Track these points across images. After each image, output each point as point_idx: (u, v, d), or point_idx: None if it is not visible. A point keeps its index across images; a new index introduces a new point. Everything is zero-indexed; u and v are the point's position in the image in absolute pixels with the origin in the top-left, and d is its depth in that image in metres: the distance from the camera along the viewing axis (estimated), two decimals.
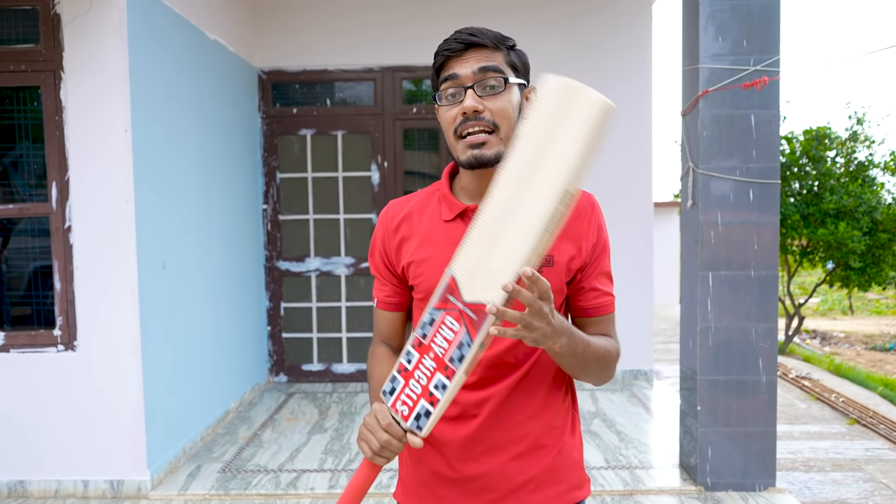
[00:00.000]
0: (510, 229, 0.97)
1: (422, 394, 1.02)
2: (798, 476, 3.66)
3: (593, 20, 5.11)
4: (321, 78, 5.19)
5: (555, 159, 0.97)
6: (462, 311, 0.99)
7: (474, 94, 1.14)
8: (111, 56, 3.11)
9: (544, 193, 0.96)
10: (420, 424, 1.03)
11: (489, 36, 1.16)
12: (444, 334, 1.01)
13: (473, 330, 0.97)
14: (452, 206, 1.22)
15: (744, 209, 3.07)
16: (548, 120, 0.98)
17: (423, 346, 1.03)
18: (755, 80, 2.81)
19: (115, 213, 3.16)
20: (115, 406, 3.21)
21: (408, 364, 1.04)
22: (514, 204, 0.98)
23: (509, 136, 1.14)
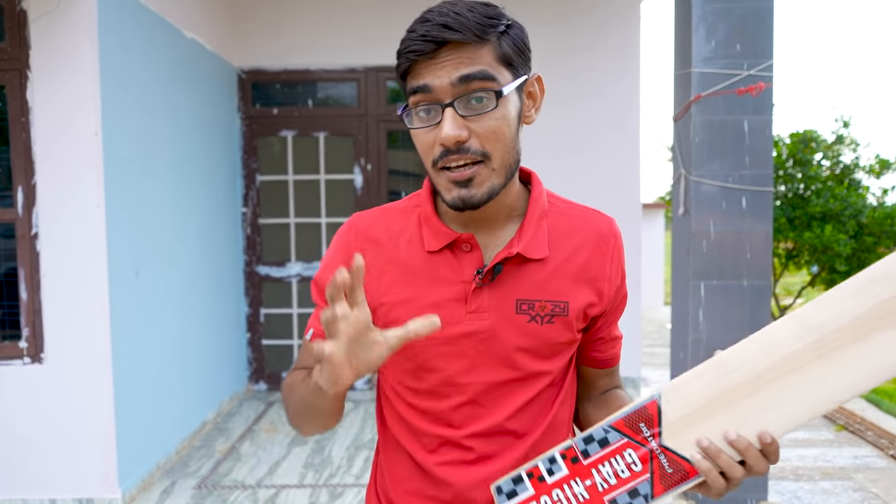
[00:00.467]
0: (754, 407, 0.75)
1: None
2: (787, 485, 3.61)
3: (581, 21, 5.03)
4: (303, 78, 5.06)
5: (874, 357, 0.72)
6: (654, 454, 0.77)
7: (455, 116, 0.84)
8: (81, 55, 2.97)
9: (832, 389, 0.73)
10: None
11: (469, 25, 0.83)
12: (615, 467, 0.79)
13: (661, 485, 0.76)
14: (439, 234, 0.94)
15: (736, 217, 2.99)
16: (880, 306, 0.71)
17: (578, 464, 0.80)
18: (750, 86, 2.73)
19: (84, 219, 3.02)
20: (85, 420, 3.07)
21: (547, 475, 0.81)
22: (788, 369, 0.74)
23: (504, 163, 0.88)
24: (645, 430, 0.78)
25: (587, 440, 0.81)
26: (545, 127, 5.02)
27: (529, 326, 0.93)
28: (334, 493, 3.29)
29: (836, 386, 0.72)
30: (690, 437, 0.76)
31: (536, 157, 5.01)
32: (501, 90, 0.84)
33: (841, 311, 0.72)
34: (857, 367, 0.71)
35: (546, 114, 5.03)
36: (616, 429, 0.79)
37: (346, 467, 3.62)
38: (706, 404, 0.76)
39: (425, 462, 0.96)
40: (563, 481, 0.80)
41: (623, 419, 0.79)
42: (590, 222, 0.99)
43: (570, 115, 5.05)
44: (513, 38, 0.88)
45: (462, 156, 0.85)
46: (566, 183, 5.04)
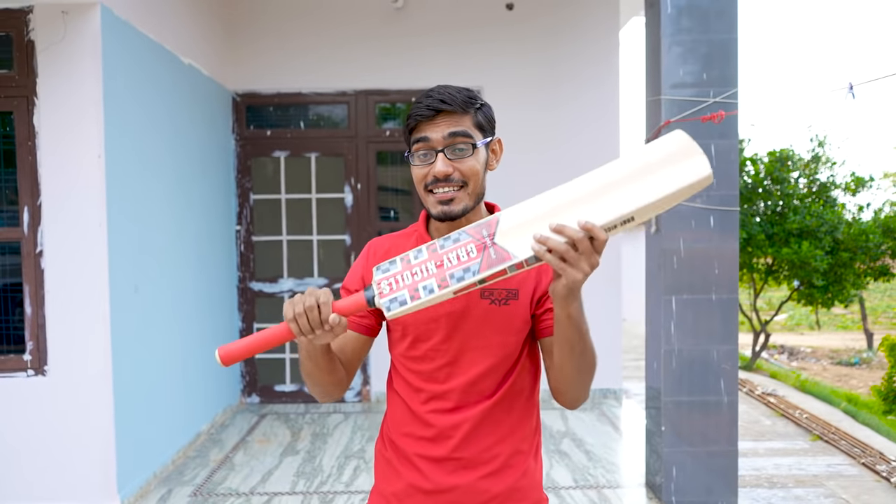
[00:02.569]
0: (568, 216, 1.07)
1: (409, 285, 1.13)
2: (762, 493, 3.74)
3: (562, 46, 5.24)
4: (295, 101, 5.24)
5: (643, 188, 1.07)
6: (486, 246, 1.11)
7: (444, 159, 1.26)
8: (85, 82, 3.14)
9: (616, 206, 1.06)
10: (391, 307, 1.13)
11: (458, 101, 1.26)
12: (459, 254, 1.12)
13: (486, 265, 1.09)
14: None
15: (705, 235, 3.18)
16: (659, 158, 1.09)
17: (435, 253, 1.14)
18: (713, 114, 2.93)
19: (87, 238, 3.17)
20: (86, 431, 3.20)
21: (413, 259, 1.15)
22: (587, 199, 1.09)
23: (474, 191, 1.29)
24: (484, 233, 1.12)
25: (445, 239, 1.15)
26: (534, 153, 5.21)
27: (491, 308, 1.31)
28: (325, 499, 3.42)
29: (623, 203, 1.06)
30: (512, 239, 1.10)
31: (524, 180, 5.21)
32: (476, 143, 1.28)
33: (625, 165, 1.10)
34: (633, 195, 1.07)
35: (533, 142, 5.23)
36: (466, 233, 1.14)
37: (336, 475, 3.75)
38: (530, 221, 1.10)
39: (418, 410, 1.34)
40: (422, 262, 1.14)
41: (473, 227, 1.14)
42: None
43: (556, 145, 5.25)
44: (484, 112, 1.32)
45: (447, 184, 1.26)
46: None
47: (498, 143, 1.36)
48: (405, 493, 1.34)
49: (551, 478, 3.67)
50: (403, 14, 5.20)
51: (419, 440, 1.34)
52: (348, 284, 1.40)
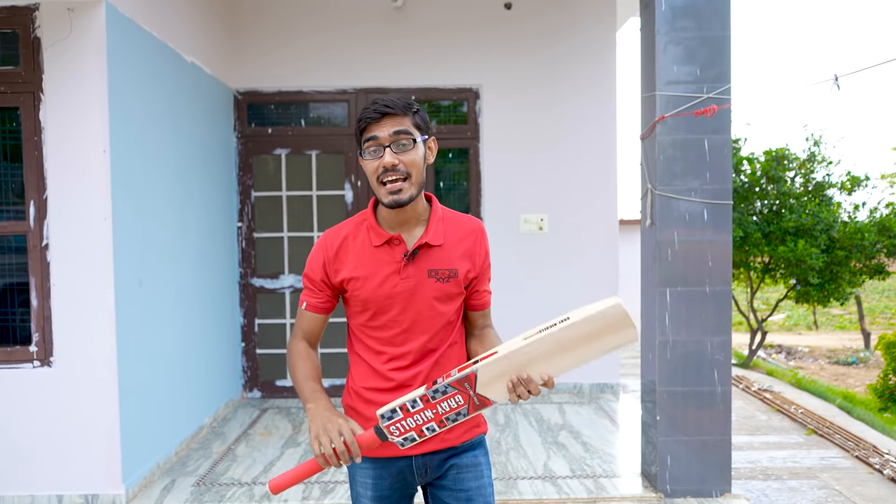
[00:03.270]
0: (532, 370, 1.41)
1: (414, 429, 1.45)
2: (756, 484, 3.80)
3: (560, 46, 5.30)
4: (296, 99, 5.30)
5: (583, 353, 1.41)
6: (471, 397, 1.42)
7: (391, 152, 1.53)
8: (90, 78, 3.20)
9: (564, 365, 1.42)
10: (404, 444, 1.46)
11: (399, 105, 1.54)
12: (449, 403, 1.43)
13: (472, 409, 1.43)
14: (380, 235, 1.62)
15: (699, 228, 3.24)
16: (599, 329, 1.39)
17: (429, 403, 1.43)
18: (705, 108, 2.99)
19: (92, 231, 3.22)
20: (91, 421, 3.26)
21: (411, 407, 1.43)
22: (543, 358, 1.40)
23: (417, 180, 1.57)
24: (468, 387, 1.41)
25: (435, 391, 1.42)
26: (533, 153, 5.28)
27: (437, 285, 1.63)
28: (326, 489, 3.47)
29: (568, 363, 1.41)
30: (491, 388, 1.41)
31: (523, 179, 5.28)
32: (415, 138, 1.56)
33: (573, 336, 1.40)
34: (577, 357, 1.41)
35: (531, 142, 5.29)
36: (452, 386, 1.42)
37: None
38: (501, 373, 1.41)
39: (380, 369, 1.66)
40: (419, 411, 1.43)
41: (456, 381, 1.41)
42: (467, 223, 1.71)
43: (554, 145, 5.31)
44: (421, 116, 1.59)
45: (394, 172, 1.53)
46: (549, 198, 5.29)
47: (433, 141, 1.64)
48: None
49: (549, 468, 3.73)
50: (403, 14, 5.27)
51: (382, 391, 1.63)
52: (312, 276, 1.67)
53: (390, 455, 1.65)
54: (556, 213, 5.31)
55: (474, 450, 1.71)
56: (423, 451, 1.64)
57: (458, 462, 1.68)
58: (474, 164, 5.36)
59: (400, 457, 1.65)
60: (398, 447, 1.49)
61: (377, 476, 1.67)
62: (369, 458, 1.66)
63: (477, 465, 1.70)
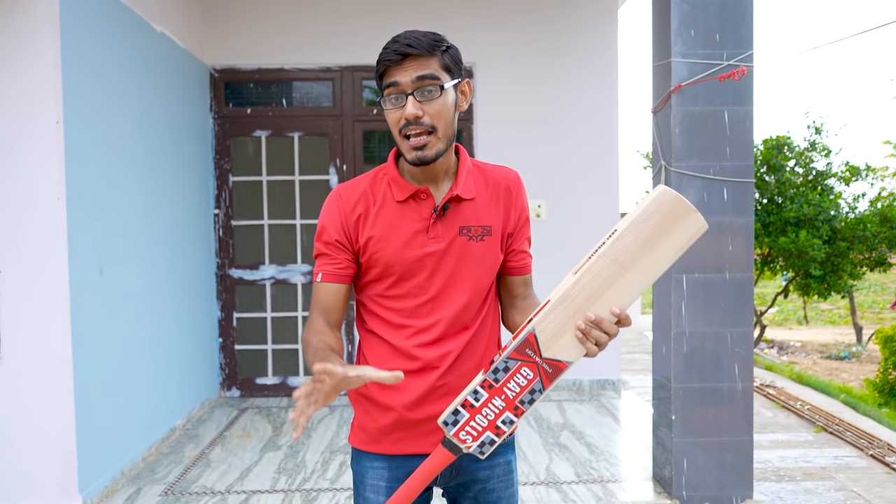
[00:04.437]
0: (597, 308, 1.16)
1: (488, 427, 1.19)
2: (770, 486, 3.58)
3: (560, 26, 5.02)
4: (277, 77, 4.97)
5: (650, 263, 1.16)
6: (539, 365, 1.17)
7: (414, 101, 1.31)
8: (40, 39, 2.85)
9: (632, 287, 1.17)
10: (483, 451, 1.21)
11: (424, 44, 1.30)
12: (517, 381, 1.17)
13: (547, 380, 1.17)
14: (404, 189, 1.40)
15: (717, 209, 2.96)
16: (655, 228, 1.15)
17: (493, 388, 1.18)
18: (732, 71, 2.71)
19: (44, 213, 2.89)
20: (44, 424, 2.92)
21: (475, 402, 1.18)
22: (605, 287, 1.16)
23: (445, 133, 1.34)
24: (530, 353, 1.17)
25: (495, 371, 1.18)
26: (527, 131, 4.99)
27: (469, 244, 1.40)
28: (308, 497, 3.16)
29: (638, 281, 1.16)
30: (558, 346, 1.17)
31: (519, 158, 4.99)
32: (443, 85, 1.32)
33: (627, 246, 1.16)
34: (645, 271, 1.16)
35: (528, 119, 5.00)
36: (512, 358, 1.17)
37: (320, 472, 3.49)
38: (564, 323, 1.17)
39: (402, 346, 1.40)
40: (486, 402, 1.18)
41: (515, 350, 1.17)
42: (501, 174, 1.48)
43: (551, 120, 5.03)
44: (451, 54, 1.36)
45: (418, 126, 1.31)
46: (547, 186, 5.00)
47: (466, 84, 1.40)
48: (392, 427, 1.41)
49: (552, 472, 3.44)
50: None
51: (407, 374, 1.37)
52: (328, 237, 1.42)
53: (409, 452, 1.42)
54: (555, 199, 5.02)
55: (507, 453, 1.49)
56: None
57: (490, 472, 1.45)
58: (467, 146, 5.05)
59: (421, 454, 1.41)
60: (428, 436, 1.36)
61: (392, 478, 1.43)
62: (383, 456, 1.44)
63: (509, 471, 1.49)
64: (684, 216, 1.14)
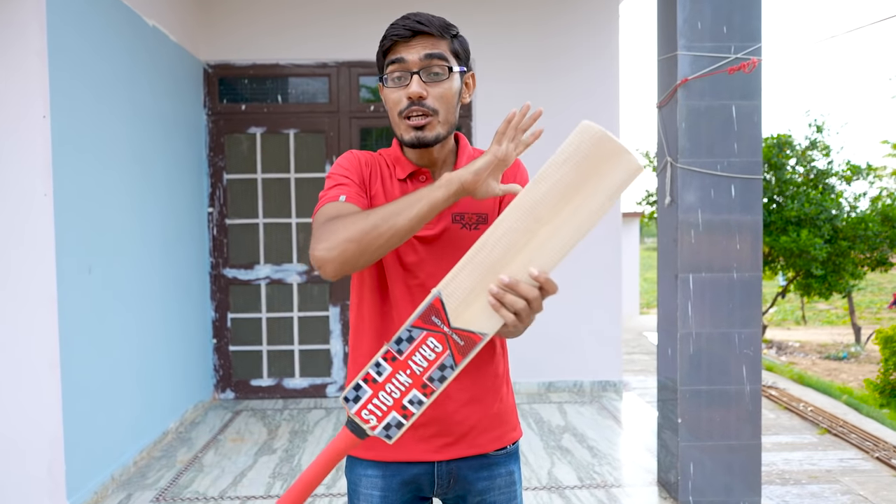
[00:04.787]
0: (513, 268, 1.00)
1: (393, 406, 1.04)
2: (775, 489, 3.50)
3: (559, 22, 4.93)
4: (272, 73, 4.88)
5: (574, 213, 0.99)
6: (448, 336, 1.01)
7: (419, 80, 1.22)
8: (26, 31, 2.76)
9: (553, 243, 0.99)
10: (390, 434, 1.04)
11: (435, 24, 1.24)
12: (424, 354, 1.02)
13: (459, 355, 1.01)
14: (405, 167, 1.34)
15: (725, 207, 2.88)
16: (575, 171, 0.99)
17: (397, 361, 1.03)
18: (743, 63, 2.62)
19: (30, 210, 2.79)
20: (30, 428, 2.82)
21: (377, 376, 1.03)
22: (522, 244, 1.00)
23: (447, 119, 1.26)
24: (437, 321, 1.01)
25: (398, 342, 1.02)
26: None
27: (462, 232, 1.30)
28: None
29: (560, 237, 0.99)
30: (470, 314, 1.01)
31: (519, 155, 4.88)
32: (452, 67, 1.25)
33: (544, 194, 0.99)
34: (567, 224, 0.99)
35: None
36: (416, 327, 1.02)
37: None
38: (474, 286, 1.00)
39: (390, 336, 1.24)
40: (390, 377, 1.03)
41: (419, 318, 1.01)
42: None
43: (551, 117, 4.93)
44: (461, 42, 1.30)
45: (420, 107, 1.23)
46: None
47: (472, 76, 1.34)
48: None
49: (554, 476, 3.35)
50: None
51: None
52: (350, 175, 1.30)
53: (404, 459, 1.33)
54: None
55: (509, 464, 1.38)
56: (451, 455, 1.32)
57: (490, 484, 1.35)
58: None
59: (417, 462, 1.32)
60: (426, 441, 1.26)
61: (386, 486, 1.34)
62: (377, 463, 1.34)
63: (511, 482, 1.38)
64: (612, 156, 0.97)
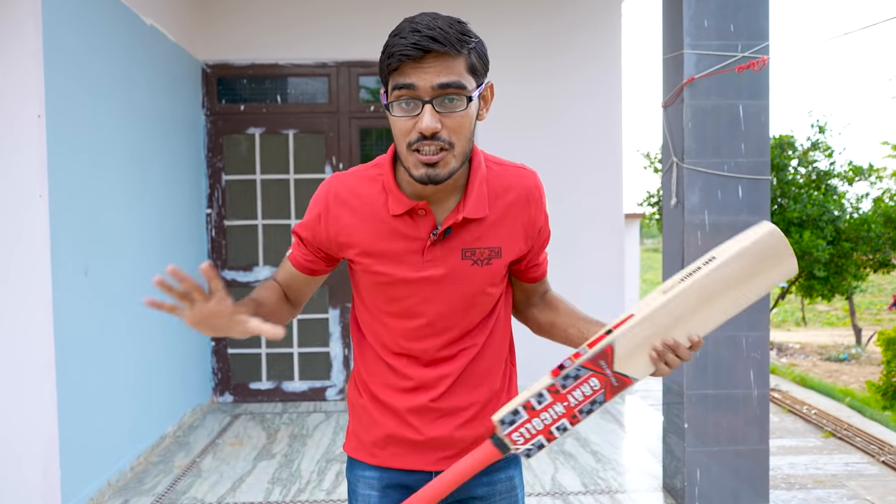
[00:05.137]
0: (676, 332, 1.14)
1: (542, 431, 1.16)
2: (780, 494, 3.46)
3: (562, 22, 4.89)
4: (271, 73, 4.83)
5: (738, 298, 1.14)
6: (608, 377, 1.14)
7: (433, 112, 1.08)
8: (21, 29, 2.71)
9: (715, 317, 1.15)
10: (530, 453, 1.17)
11: (452, 39, 1.07)
12: (583, 390, 1.14)
13: (610, 393, 1.15)
14: (400, 202, 1.19)
15: (732, 207, 2.83)
16: (753, 265, 1.13)
17: (559, 394, 1.14)
18: (752, 61, 2.58)
19: (24, 210, 2.74)
20: (24, 432, 2.77)
21: (537, 404, 1.14)
22: (690, 313, 1.14)
23: (463, 151, 1.13)
24: (603, 364, 1.14)
25: (565, 378, 1.14)
26: (528, 129, 4.86)
27: (473, 269, 1.21)
28: None
29: (721, 313, 1.14)
30: (630, 361, 1.14)
31: (520, 157, 4.84)
32: (471, 95, 1.10)
33: (719, 280, 1.13)
34: (730, 304, 1.14)
35: (529, 118, 4.87)
36: (586, 367, 1.14)
37: (316, 482, 3.35)
38: (642, 342, 1.14)
39: (395, 364, 1.26)
40: (548, 407, 1.15)
41: (590, 360, 1.14)
42: (520, 179, 1.26)
43: (552, 120, 4.90)
44: (478, 52, 1.14)
45: (433, 142, 1.08)
46: (549, 186, 4.84)
47: (489, 88, 1.20)
48: (386, 442, 1.29)
49: (557, 482, 3.31)
50: None
51: (399, 391, 1.26)
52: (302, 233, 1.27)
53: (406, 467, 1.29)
54: (557, 199, 4.88)
55: (509, 468, 1.34)
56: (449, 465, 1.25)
57: (491, 489, 1.32)
58: None
59: (416, 470, 1.29)
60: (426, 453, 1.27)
61: (383, 487, 1.32)
62: (374, 466, 1.31)
63: (511, 487, 1.34)
64: (783, 258, 1.14)
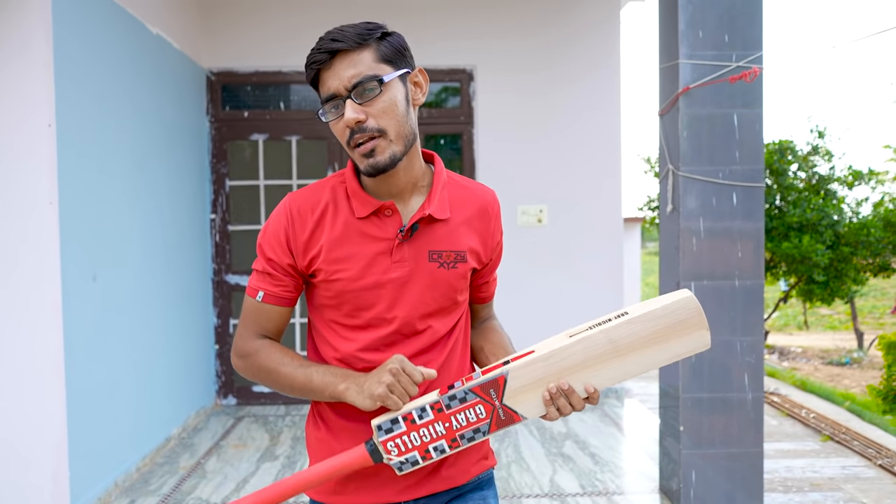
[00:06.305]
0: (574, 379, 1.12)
1: (419, 447, 1.13)
2: (777, 497, 3.49)
3: (560, 31, 4.95)
4: (275, 80, 4.90)
5: (642, 359, 1.12)
6: (496, 409, 1.12)
7: (353, 104, 1.12)
8: (33, 41, 2.77)
9: (615, 374, 1.13)
10: (402, 468, 1.14)
11: (351, 36, 1.13)
12: (467, 415, 1.12)
13: (496, 426, 1.13)
14: (366, 203, 1.21)
15: (727, 214, 2.89)
16: (665, 328, 1.12)
17: (442, 413, 1.12)
18: (744, 72, 2.64)
19: (35, 217, 2.80)
20: (34, 434, 2.83)
21: (418, 419, 1.12)
22: (592, 363, 1.12)
23: (399, 134, 1.15)
24: (493, 394, 1.12)
25: (451, 398, 1.12)
26: (529, 136, 4.91)
27: (439, 272, 1.22)
28: None
29: (623, 370, 1.13)
30: (521, 398, 1.12)
31: (521, 163, 4.92)
32: (382, 78, 1.13)
33: (632, 335, 1.12)
34: (634, 363, 1.13)
35: (530, 124, 4.93)
36: (474, 393, 1.12)
37: None
38: (537, 380, 1.12)
39: None
40: (429, 423, 1.12)
41: (479, 386, 1.12)
42: (479, 194, 1.30)
43: (554, 125, 4.96)
44: (390, 42, 1.17)
45: (363, 134, 1.13)
46: (550, 191, 4.93)
47: (419, 72, 1.21)
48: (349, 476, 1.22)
49: (556, 484, 3.36)
50: None
51: (364, 414, 1.19)
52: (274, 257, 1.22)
53: (376, 501, 1.23)
54: (557, 204, 4.95)
55: (482, 489, 1.31)
56: (420, 493, 1.23)
57: None
58: (468, 150, 4.97)
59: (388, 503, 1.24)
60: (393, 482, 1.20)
61: None
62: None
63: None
64: (696, 329, 1.12)
